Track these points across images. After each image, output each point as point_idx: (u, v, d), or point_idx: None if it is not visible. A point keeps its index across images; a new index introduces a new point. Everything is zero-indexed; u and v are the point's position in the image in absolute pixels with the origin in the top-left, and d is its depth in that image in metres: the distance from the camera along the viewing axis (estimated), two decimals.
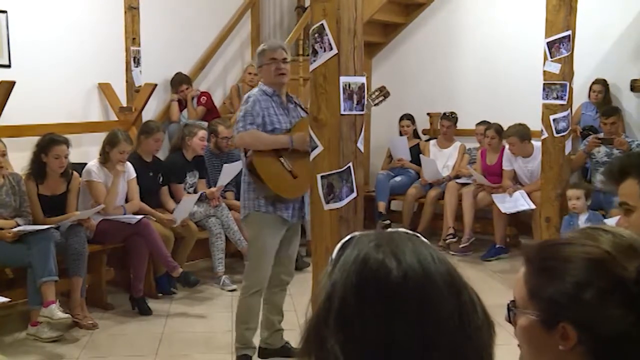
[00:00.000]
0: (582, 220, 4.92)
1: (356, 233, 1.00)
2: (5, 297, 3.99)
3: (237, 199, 5.73)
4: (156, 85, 6.29)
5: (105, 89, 6.25)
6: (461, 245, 6.33)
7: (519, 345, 1.18)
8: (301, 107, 3.88)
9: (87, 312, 4.61)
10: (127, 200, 5.17)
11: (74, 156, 5.04)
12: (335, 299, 0.92)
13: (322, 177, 3.18)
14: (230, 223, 5.57)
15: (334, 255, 0.98)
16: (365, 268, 0.92)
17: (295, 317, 4.68)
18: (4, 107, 4.98)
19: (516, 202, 6.09)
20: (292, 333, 4.20)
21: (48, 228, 4.43)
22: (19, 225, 4.46)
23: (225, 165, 5.69)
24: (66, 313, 4.28)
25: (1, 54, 5.42)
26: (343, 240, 0.99)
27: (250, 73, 7.06)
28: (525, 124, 6.04)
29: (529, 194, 6.05)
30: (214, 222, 5.56)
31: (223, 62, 7.53)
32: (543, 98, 4.98)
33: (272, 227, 3.75)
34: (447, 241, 6.40)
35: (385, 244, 0.94)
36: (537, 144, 5.69)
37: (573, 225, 4.88)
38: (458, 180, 6.67)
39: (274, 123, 3.73)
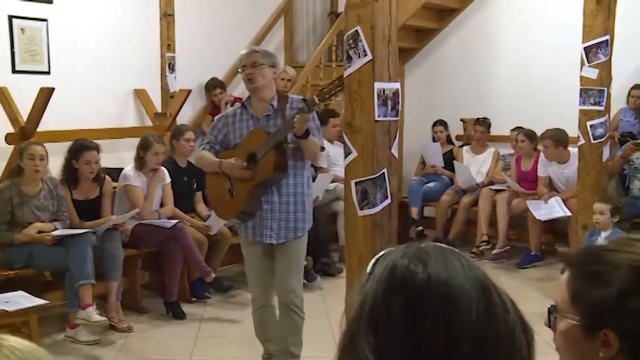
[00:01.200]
0: (602, 237, 4.70)
1: (390, 248, 1.03)
2: (44, 299, 4.05)
3: None
4: (190, 91, 6.36)
5: (140, 95, 6.33)
6: (495, 252, 6.26)
7: (557, 349, 1.17)
8: (297, 110, 3.39)
9: (123, 316, 4.67)
10: (161, 205, 5.23)
11: (110, 161, 5.12)
12: (366, 306, 0.95)
13: (356, 183, 3.18)
14: None
15: (368, 269, 1.01)
16: (392, 274, 0.95)
17: (327, 323, 4.69)
18: (43, 112, 5.09)
19: (551, 208, 6.00)
20: (326, 338, 4.20)
21: (85, 232, 4.50)
22: (56, 229, 4.54)
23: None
24: (102, 316, 4.34)
25: (41, 61, 5.53)
26: (377, 256, 1.02)
27: (283, 79, 7.09)
28: (564, 129, 5.95)
29: (564, 201, 5.97)
30: None
31: None
32: (580, 104, 4.91)
33: (247, 247, 3.66)
34: (481, 248, 6.34)
35: (413, 253, 0.97)
36: (573, 150, 5.61)
37: (594, 242, 4.70)
38: (492, 187, 6.61)
39: (235, 139, 3.57)
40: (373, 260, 1.01)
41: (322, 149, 3.59)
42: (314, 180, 6.12)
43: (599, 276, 1.10)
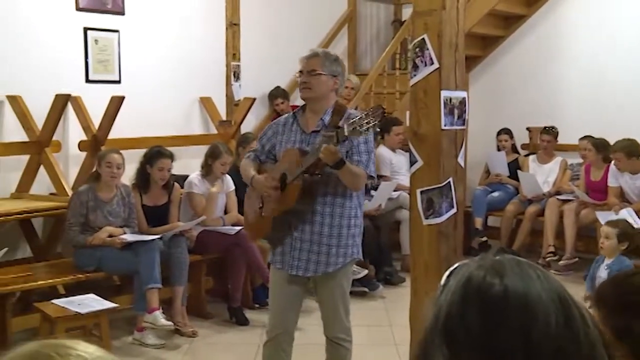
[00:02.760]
0: (603, 267, 4.25)
1: (465, 261, 1.02)
2: (113, 302, 4.16)
3: None
4: (254, 99, 6.45)
5: (206, 103, 6.45)
6: (562, 264, 6.11)
7: None
8: (347, 127, 2.88)
9: (188, 320, 4.74)
10: (225, 212, 5.30)
11: (176, 168, 5.22)
12: (441, 317, 0.95)
13: (421, 192, 3.16)
14: None
15: (442, 281, 1.01)
16: (468, 286, 0.95)
17: (390, 332, 4.66)
18: (114, 120, 5.24)
19: None
20: (388, 348, 4.18)
21: (153, 238, 4.60)
22: (125, 234, 4.66)
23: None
24: (168, 320, 4.43)
25: (113, 71, 5.70)
26: (451, 268, 1.02)
27: (346, 87, 7.11)
28: (635, 139, 5.76)
29: (637, 212, 5.78)
30: None
31: None
32: None
33: (274, 273, 3.27)
34: (547, 259, 6.20)
35: (489, 265, 0.96)
36: None
37: (594, 270, 4.34)
38: (559, 197, 6.46)
39: (280, 152, 3.22)
40: (447, 272, 1.01)
41: (370, 177, 3.13)
42: (376, 189, 6.15)
43: (636, 306, 1.06)
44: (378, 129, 3.03)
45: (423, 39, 3.08)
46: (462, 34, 3.13)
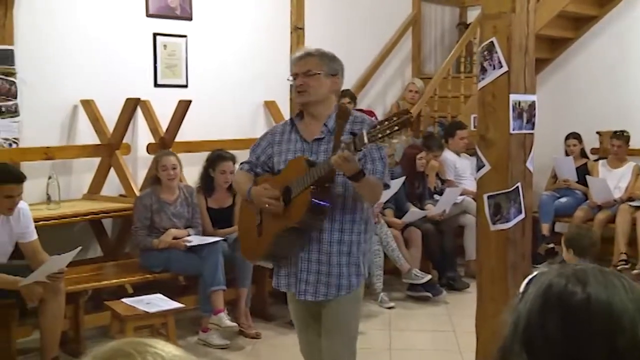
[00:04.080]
0: None
1: (544, 269, 1.01)
2: (179, 303, 4.23)
3: (397, 216, 5.78)
4: None
5: (270, 107, 6.51)
6: (635, 273, 5.90)
7: None
8: (352, 133, 2.61)
9: (251, 322, 4.79)
10: None
11: None
12: (520, 325, 0.94)
13: (488, 197, 3.11)
14: (389, 240, 5.58)
15: (521, 288, 1.00)
16: (548, 293, 0.93)
17: (454, 338, 4.60)
18: (181, 124, 5.35)
19: None
20: (452, 355, 4.12)
21: (218, 240, 4.66)
22: (189, 235, 4.74)
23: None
24: (233, 322, 4.48)
25: (180, 75, 5.82)
26: (530, 276, 1.00)
27: (410, 91, 7.09)
28: None
29: None
30: (373, 239, 5.59)
31: (384, 79, 7.60)
32: None
33: (289, 298, 2.97)
34: (619, 267, 6.00)
35: (570, 273, 0.95)
36: None
37: None
38: (631, 203, 6.25)
39: (280, 164, 2.85)
40: (526, 280, 1.00)
41: (386, 186, 2.80)
42: (441, 194, 6.09)
43: None
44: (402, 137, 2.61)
45: (492, 42, 3.04)
46: (532, 36, 3.08)
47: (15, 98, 4.85)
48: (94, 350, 0.91)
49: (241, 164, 3.03)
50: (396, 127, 2.40)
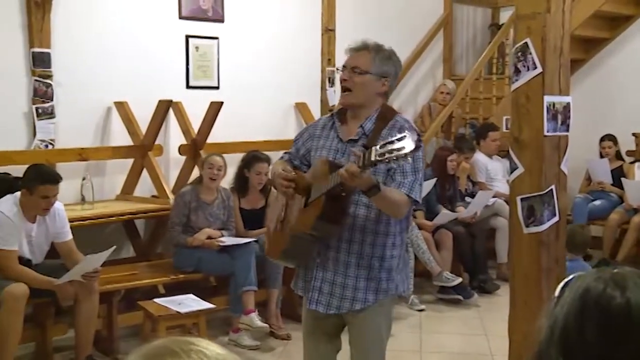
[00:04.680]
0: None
1: (579, 273, 1.00)
2: (210, 303, 4.26)
3: (428, 218, 5.75)
4: None
5: (301, 108, 6.52)
6: None
7: None
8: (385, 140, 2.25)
9: (282, 323, 4.80)
10: None
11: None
12: (557, 329, 0.93)
13: (522, 199, 3.08)
14: (419, 242, 5.55)
15: (556, 292, 0.99)
16: (586, 298, 0.92)
17: (485, 341, 4.57)
18: (212, 125, 5.38)
19: None
20: (483, 358, 4.09)
21: (250, 241, 4.69)
22: (223, 236, 4.77)
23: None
24: (264, 322, 4.50)
25: (212, 77, 5.86)
26: (566, 280, 0.99)
27: (442, 92, 7.05)
28: None
29: None
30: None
31: (415, 80, 7.56)
32: None
33: (304, 314, 2.80)
34: None
35: (608, 277, 0.93)
36: None
37: None
38: None
39: (315, 159, 2.68)
40: (562, 283, 0.99)
41: (416, 202, 2.55)
42: (472, 196, 6.04)
43: None
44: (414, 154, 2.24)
45: (526, 42, 3.01)
46: (567, 37, 3.04)
47: (52, 100, 4.94)
48: (141, 348, 0.92)
49: (282, 154, 2.87)
50: (405, 149, 2.13)
